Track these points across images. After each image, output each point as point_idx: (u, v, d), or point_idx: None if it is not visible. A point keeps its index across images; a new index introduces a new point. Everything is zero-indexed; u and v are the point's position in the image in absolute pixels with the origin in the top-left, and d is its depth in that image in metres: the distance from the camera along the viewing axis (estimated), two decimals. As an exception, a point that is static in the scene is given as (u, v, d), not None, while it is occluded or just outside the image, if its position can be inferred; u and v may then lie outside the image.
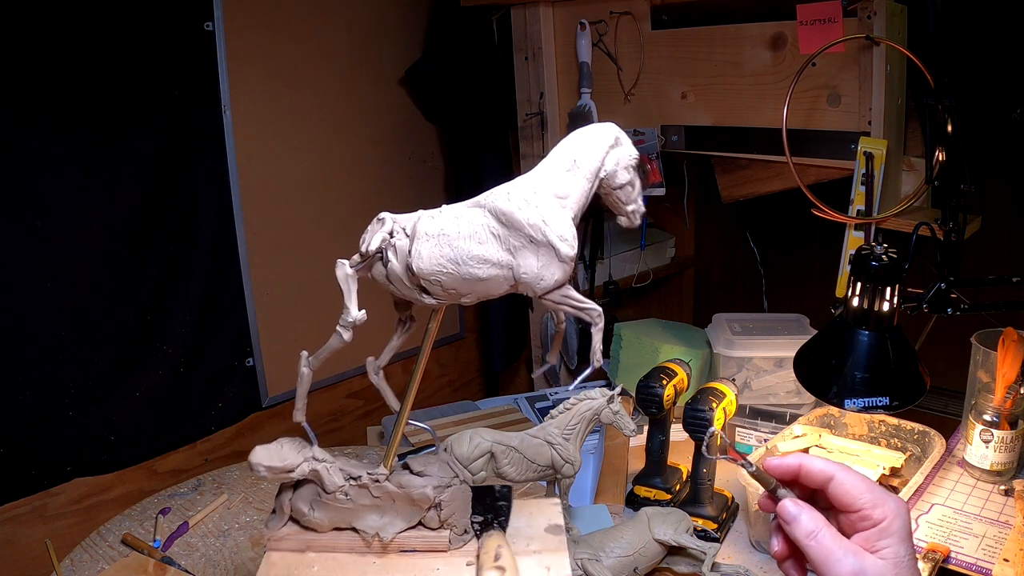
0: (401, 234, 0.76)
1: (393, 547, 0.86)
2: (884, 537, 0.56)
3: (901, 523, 0.57)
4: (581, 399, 1.05)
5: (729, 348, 1.66)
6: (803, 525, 0.58)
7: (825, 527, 0.58)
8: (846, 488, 0.58)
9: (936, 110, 1.32)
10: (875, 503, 0.57)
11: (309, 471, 0.84)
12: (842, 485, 0.58)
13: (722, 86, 1.62)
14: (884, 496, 0.58)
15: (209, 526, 1.29)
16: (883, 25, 1.36)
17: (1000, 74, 1.58)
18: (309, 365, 0.85)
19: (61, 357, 1.46)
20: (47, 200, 1.41)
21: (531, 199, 0.71)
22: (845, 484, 0.58)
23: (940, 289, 1.28)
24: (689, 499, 1.28)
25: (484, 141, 2.08)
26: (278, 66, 1.74)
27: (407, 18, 2.01)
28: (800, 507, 0.59)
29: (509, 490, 0.95)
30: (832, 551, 0.57)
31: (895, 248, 1.18)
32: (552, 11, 1.83)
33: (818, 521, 0.58)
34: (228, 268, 1.71)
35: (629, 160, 0.72)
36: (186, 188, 1.61)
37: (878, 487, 0.59)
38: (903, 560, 0.56)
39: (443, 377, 2.31)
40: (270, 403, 1.84)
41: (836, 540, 0.58)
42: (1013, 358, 1.28)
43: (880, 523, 0.57)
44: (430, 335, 0.84)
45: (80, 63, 1.42)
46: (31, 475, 1.46)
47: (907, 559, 0.56)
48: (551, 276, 0.72)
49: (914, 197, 1.48)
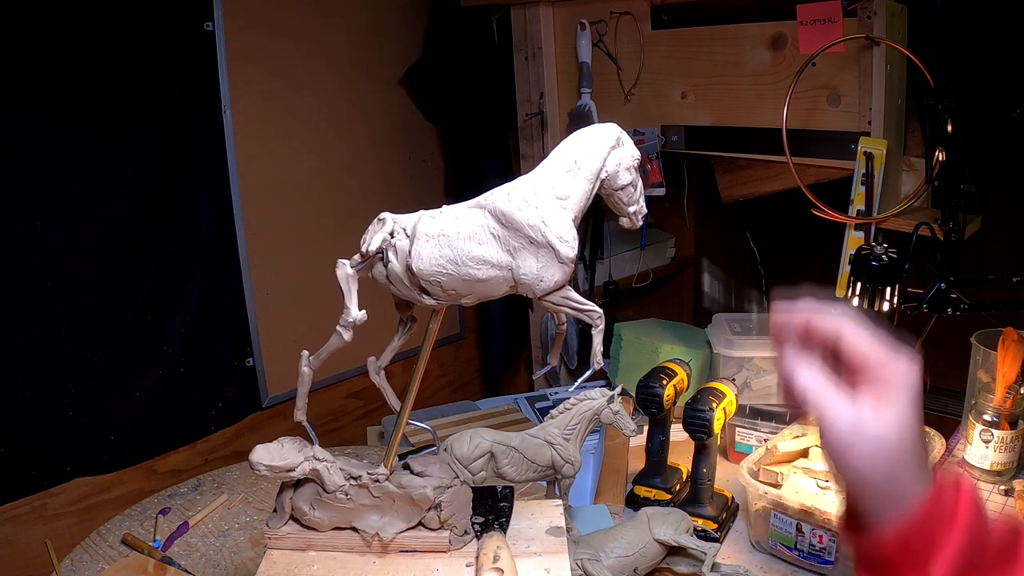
0: (401, 234, 0.76)
1: (393, 547, 0.86)
2: (890, 394, 0.54)
3: (909, 383, 0.54)
4: (581, 399, 1.05)
5: (729, 348, 1.66)
6: (799, 378, 0.56)
7: (820, 379, 0.56)
8: (853, 347, 0.55)
9: (936, 110, 1.32)
10: (883, 362, 0.54)
11: (309, 470, 0.84)
12: (850, 344, 0.55)
13: (722, 86, 1.62)
14: (894, 354, 0.55)
15: (209, 526, 1.29)
16: (883, 25, 1.36)
17: (1000, 74, 1.58)
18: (310, 364, 0.85)
19: (61, 357, 1.46)
20: (47, 200, 1.41)
21: (531, 200, 0.71)
22: (853, 343, 0.55)
23: (940, 289, 1.28)
24: (689, 499, 1.28)
25: (484, 141, 2.08)
26: (278, 66, 1.74)
27: (407, 18, 2.01)
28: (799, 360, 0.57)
29: (511, 491, 0.95)
30: (829, 404, 0.55)
31: (895, 248, 1.18)
32: (552, 11, 1.83)
33: (816, 374, 0.56)
34: (228, 268, 1.71)
35: (631, 161, 0.72)
36: (186, 188, 1.61)
37: (889, 344, 0.55)
38: (907, 421, 0.54)
39: (443, 377, 2.31)
40: (270, 403, 1.84)
41: (836, 396, 0.55)
42: (1013, 358, 1.28)
43: (888, 381, 0.54)
44: (431, 335, 0.84)
45: (80, 63, 1.42)
46: (31, 475, 1.46)
47: (912, 420, 0.54)
48: (551, 277, 0.72)
49: (914, 197, 1.48)
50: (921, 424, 0.55)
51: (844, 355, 0.56)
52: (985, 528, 0.54)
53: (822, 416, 0.55)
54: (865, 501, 0.56)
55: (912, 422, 0.54)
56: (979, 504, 0.55)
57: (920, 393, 0.54)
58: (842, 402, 0.55)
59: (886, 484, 0.55)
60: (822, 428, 0.55)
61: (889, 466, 0.54)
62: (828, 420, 0.55)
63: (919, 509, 0.53)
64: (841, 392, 0.55)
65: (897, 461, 0.54)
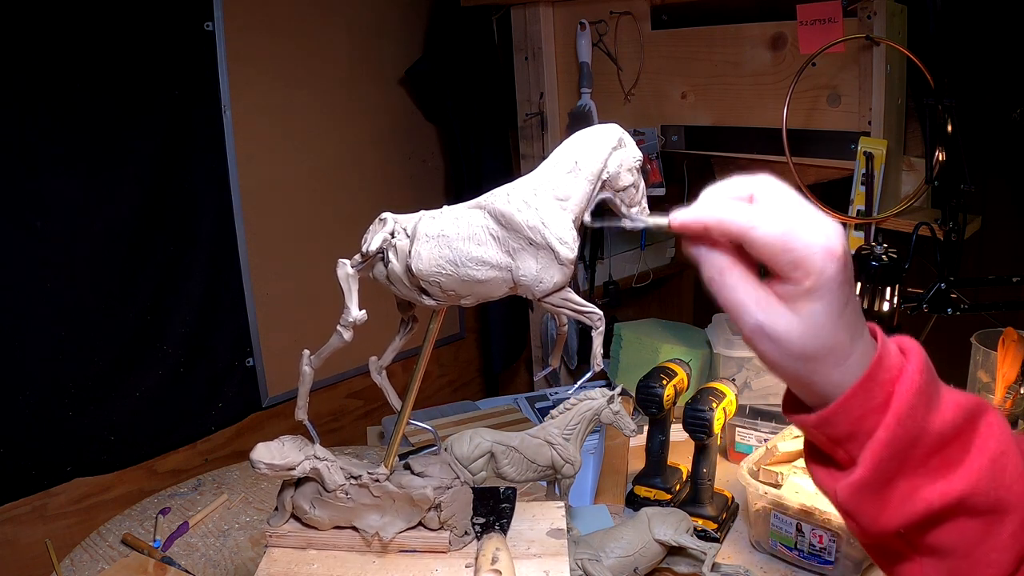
0: (402, 234, 0.76)
1: (393, 547, 0.86)
2: (802, 296, 0.49)
3: (826, 279, 0.49)
4: (581, 399, 1.05)
5: (729, 348, 1.66)
6: (704, 271, 0.53)
7: (728, 273, 0.52)
8: (759, 250, 0.50)
9: (936, 110, 1.32)
10: (795, 264, 0.49)
11: (310, 469, 0.84)
12: (753, 246, 0.50)
13: (722, 86, 1.62)
14: (806, 253, 0.49)
15: (209, 526, 1.29)
16: (883, 25, 1.36)
17: (1000, 74, 1.58)
18: (310, 364, 0.85)
19: (61, 357, 1.46)
20: (47, 200, 1.41)
21: (531, 201, 0.71)
22: (757, 246, 0.50)
23: (940, 289, 1.28)
24: (689, 499, 1.28)
25: (484, 141, 2.08)
26: (278, 66, 1.74)
27: (407, 18, 2.01)
28: (703, 250, 0.53)
29: (513, 492, 0.95)
30: (735, 303, 0.51)
31: (895, 248, 1.18)
32: (552, 11, 1.83)
33: (721, 266, 0.52)
34: (228, 268, 1.71)
35: (632, 162, 0.72)
36: (186, 188, 1.61)
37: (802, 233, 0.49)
38: (819, 319, 0.49)
39: (443, 377, 2.31)
40: (270, 403, 1.84)
41: (740, 291, 0.51)
42: (1013, 358, 1.28)
43: (800, 282, 0.49)
44: (431, 335, 0.84)
45: (80, 63, 1.42)
46: (31, 475, 1.46)
47: (826, 317, 0.49)
48: (550, 279, 0.72)
49: (914, 197, 1.48)
50: (849, 313, 0.51)
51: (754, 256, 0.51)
52: (929, 410, 0.51)
53: (730, 312, 0.52)
54: (791, 387, 0.55)
55: (827, 321, 0.50)
56: (923, 385, 0.51)
57: (842, 284, 0.49)
58: (750, 299, 0.51)
59: (800, 382, 0.52)
60: (737, 325, 0.52)
61: (800, 365, 0.51)
62: (736, 319, 0.52)
63: (843, 398, 0.50)
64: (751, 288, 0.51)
65: (812, 364, 0.51)
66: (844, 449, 0.52)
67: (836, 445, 0.53)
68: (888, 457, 0.50)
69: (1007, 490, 0.51)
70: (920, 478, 0.51)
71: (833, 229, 0.50)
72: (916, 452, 0.51)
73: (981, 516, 0.51)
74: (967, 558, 0.52)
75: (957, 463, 0.51)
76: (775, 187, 0.52)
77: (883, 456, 0.50)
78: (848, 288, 0.51)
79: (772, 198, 0.51)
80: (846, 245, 0.50)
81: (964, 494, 0.50)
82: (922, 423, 0.51)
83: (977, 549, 0.51)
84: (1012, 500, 0.51)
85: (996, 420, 0.53)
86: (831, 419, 0.51)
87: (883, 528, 0.52)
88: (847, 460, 0.52)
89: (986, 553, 0.51)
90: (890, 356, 0.52)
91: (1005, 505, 0.51)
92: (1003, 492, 0.51)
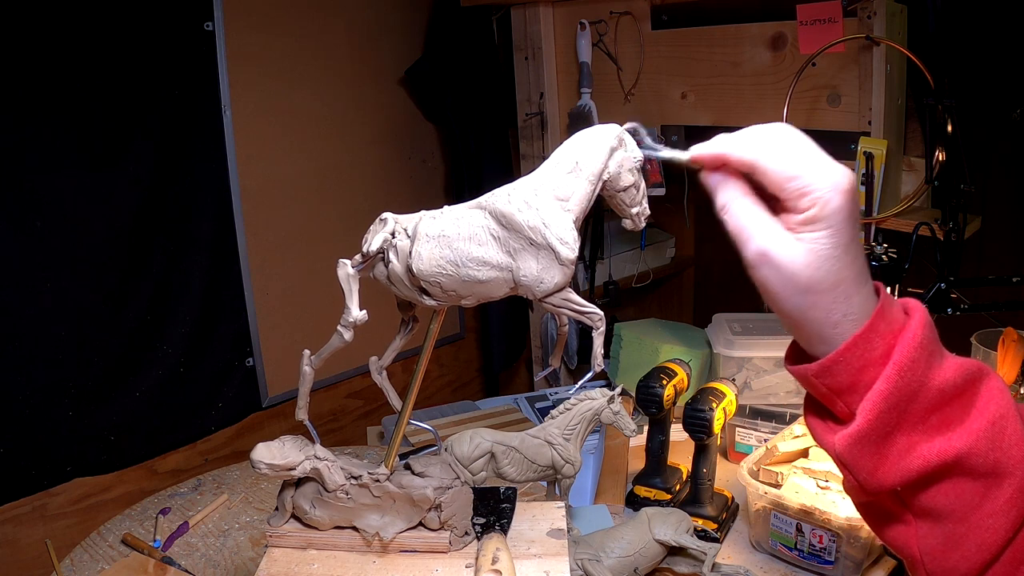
0: (403, 235, 0.76)
1: (393, 547, 0.86)
2: (808, 224, 0.50)
3: (831, 210, 0.49)
4: (581, 399, 1.05)
5: (729, 348, 1.66)
6: (718, 199, 0.54)
7: (738, 201, 0.53)
8: (769, 178, 0.52)
9: (936, 110, 1.32)
10: (801, 192, 0.50)
11: (310, 469, 0.84)
12: (764, 175, 0.52)
13: (722, 86, 1.62)
14: (814, 181, 0.50)
15: (209, 526, 1.29)
16: (883, 25, 1.36)
17: (1000, 74, 1.58)
18: (311, 364, 0.85)
19: (61, 357, 1.46)
20: (47, 200, 1.41)
21: (532, 201, 0.71)
22: (768, 174, 0.52)
23: (940, 289, 1.28)
24: (689, 499, 1.28)
25: (484, 141, 2.08)
26: (278, 66, 1.74)
27: (407, 18, 2.01)
28: (719, 179, 0.55)
29: (514, 492, 0.95)
30: (742, 229, 0.52)
31: (895, 248, 1.18)
32: (552, 11, 1.83)
33: (733, 195, 0.54)
34: (228, 268, 1.71)
35: (633, 162, 0.72)
36: (186, 188, 1.61)
37: (811, 167, 0.50)
38: (822, 250, 0.50)
39: (443, 377, 2.31)
40: (270, 403, 1.84)
41: (747, 217, 0.53)
42: (1013, 358, 1.28)
43: (806, 211, 0.50)
44: (431, 336, 0.84)
45: (80, 63, 1.42)
46: (31, 475, 1.46)
47: (829, 249, 0.50)
48: (551, 279, 0.72)
49: (914, 197, 1.48)
50: (853, 251, 0.51)
51: (762, 186, 0.53)
52: (930, 366, 0.51)
53: (736, 239, 0.53)
54: (792, 332, 0.54)
55: (830, 253, 0.50)
56: (926, 340, 0.51)
57: (847, 218, 0.50)
58: (756, 225, 0.52)
59: (800, 318, 0.52)
60: (742, 256, 0.53)
61: (801, 299, 0.51)
62: (742, 245, 0.53)
63: (845, 347, 0.51)
64: (758, 215, 0.53)
65: (813, 297, 0.51)
66: (844, 402, 0.52)
67: (836, 396, 0.52)
68: (887, 409, 0.50)
69: (1005, 454, 0.51)
70: (919, 434, 0.51)
71: (841, 169, 0.51)
72: (916, 407, 0.51)
73: (978, 478, 0.51)
74: (963, 522, 0.51)
75: (957, 422, 0.51)
76: (789, 129, 0.54)
77: (882, 408, 0.50)
78: (853, 225, 0.51)
79: (785, 135, 0.54)
80: (854, 183, 0.51)
81: (962, 453, 0.50)
82: (923, 378, 0.51)
83: (973, 513, 0.51)
84: (1010, 464, 0.51)
85: (998, 384, 0.53)
86: (832, 368, 0.51)
87: (880, 483, 0.52)
88: (846, 414, 0.52)
89: (982, 517, 0.51)
90: (893, 310, 0.52)
91: (1003, 469, 0.51)
92: (1001, 455, 0.51)
